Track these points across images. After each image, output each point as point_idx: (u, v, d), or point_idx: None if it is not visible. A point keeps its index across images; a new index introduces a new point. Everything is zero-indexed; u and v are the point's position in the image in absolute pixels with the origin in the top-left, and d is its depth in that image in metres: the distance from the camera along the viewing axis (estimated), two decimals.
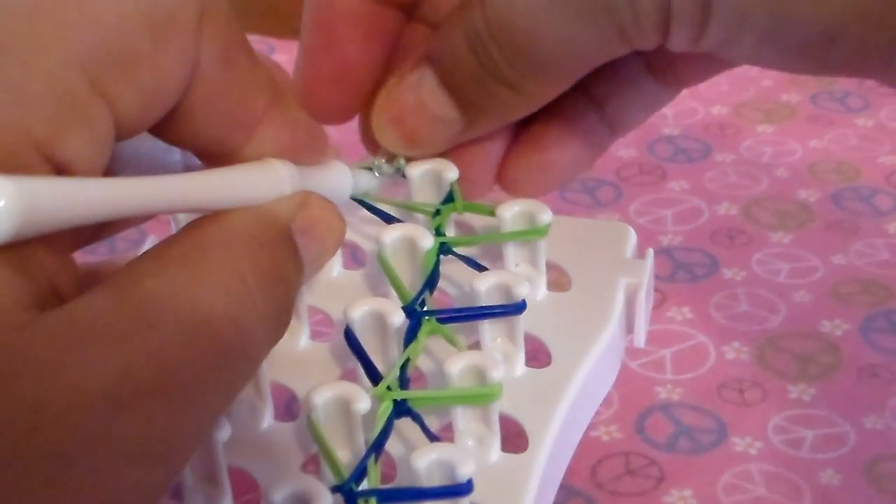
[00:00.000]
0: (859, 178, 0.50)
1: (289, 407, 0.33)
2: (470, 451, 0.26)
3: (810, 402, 0.38)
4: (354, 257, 0.35)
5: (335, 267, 0.33)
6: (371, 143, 0.33)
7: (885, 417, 0.37)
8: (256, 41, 0.63)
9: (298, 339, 0.31)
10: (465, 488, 0.25)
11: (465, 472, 0.25)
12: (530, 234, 0.32)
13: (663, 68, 0.33)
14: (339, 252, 0.33)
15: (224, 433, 0.27)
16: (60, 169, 0.21)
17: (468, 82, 0.31)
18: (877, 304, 0.42)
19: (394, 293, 0.30)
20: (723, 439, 0.37)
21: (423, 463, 0.25)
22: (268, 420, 0.30)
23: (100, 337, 0.20)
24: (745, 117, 0.55)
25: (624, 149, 0.52)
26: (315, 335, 0.32)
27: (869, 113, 0.55)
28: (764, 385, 0.39)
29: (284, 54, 0.62)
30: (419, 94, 0.31)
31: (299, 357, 0.31)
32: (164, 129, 0.25)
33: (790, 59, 0.28)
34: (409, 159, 0.33)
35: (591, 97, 0.33)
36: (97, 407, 0.20)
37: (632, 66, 0.33)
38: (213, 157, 0.26)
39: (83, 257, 0.30)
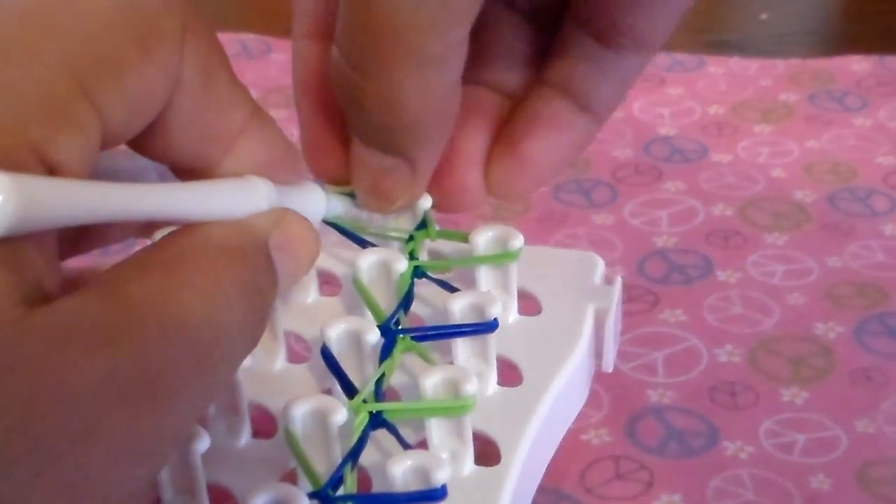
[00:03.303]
0: (856, 179, 0.50)
1: (265, 427, 0.33)
2: (444, 459, 0.27)
3: (802, 406, 0.38)
4: (329, 284, 0.35)
5: (310, 293, 0.34)
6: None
7: (877, 421, 0.37)
8: (254, 40, 0.63)
9: (275, 361, 0.32)
10: (439, 494, 0.26)
11: (439, 477, 0.26)
12: (502, 257, 0.32)
13: (594, 23, 0.32)
14: (315, 278, 0.34)
15: (203, 444, 0.27)
16: (52, 170, 0.22)
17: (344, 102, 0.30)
18: (871, 307, 0.42)
19: (369, 315, 0.31)
20: (713, 443, 0.37)
21: (399, 469, 0.26)
22: (245, 437, 0.30)
23: (87, 338, 0.21)
24: (742, 117, 0.55)
25: (620, 149, 0.52)
26: (292, 359, 0.33)
27: (867, 112, 0.55)
28: (756, 388, 0.39)
29: (282, 54, 0.61)
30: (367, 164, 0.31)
31: (276, 378, 0.32)
32: (143, 141, 0.25)
33: None
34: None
35: (554, 86, 0.33)
36: (85, 404, 0.20)
37: (570, 38, 0.32)
38: (190, 172, 0.27)
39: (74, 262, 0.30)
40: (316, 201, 0.30)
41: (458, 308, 0.30)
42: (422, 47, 0.28)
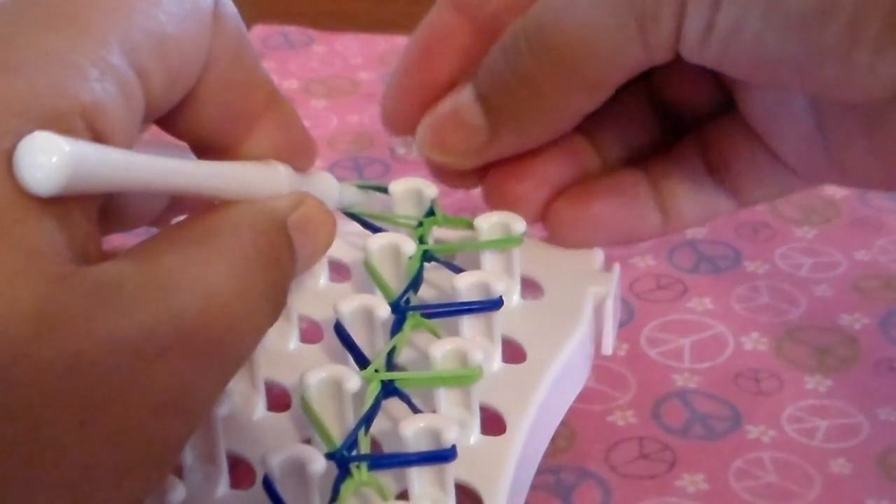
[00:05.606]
0: None
1: (279, 405, 0.34)
2: (454, 420, 0.28)
3: (826, 393, 0.38)
4: (339, 273, 0.36)
5: (321, 279, 0.35)
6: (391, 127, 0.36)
7: None
8: (296, 32, 0.64)
9: (289, 342, 0.33)
10: (449, 453, 0.27)
11: (449, 437, 0.27)
12: (507, 242, 0.34)
13: (720, 167, 0.36)
14: (325, 265, 0.35)
15: (224, 409, 0.29)
16: (98, 137, 0.23)
17: (496, 85, 0.33)
18: None
19: (380, 295, 0.32)
20: (737, 427, 0.37)
21: (411, 430, 0.27)
22: (260, 411, 0.31)
23: (129, 297, 0.22)
24: None
25: None
26: (304, 342, 0.34)
27: None
28: (781, 375, 0.39)
29: (324, 45, 0.63)
30: (456, 102, 0.34)
31: (290, 356, 0.33)
32: (172, 117, 0.27)
33: (787, 40, 0.29)
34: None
35: (649, 174, 0.36)
36: (127, 358, 0.22)
37: (689, 156, 0.36)
38: (210, 151, 0.28)
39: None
40: (330, 190, 0.32)
41: (465, 286, 0.32)
42: (584, 82, 0.32)
